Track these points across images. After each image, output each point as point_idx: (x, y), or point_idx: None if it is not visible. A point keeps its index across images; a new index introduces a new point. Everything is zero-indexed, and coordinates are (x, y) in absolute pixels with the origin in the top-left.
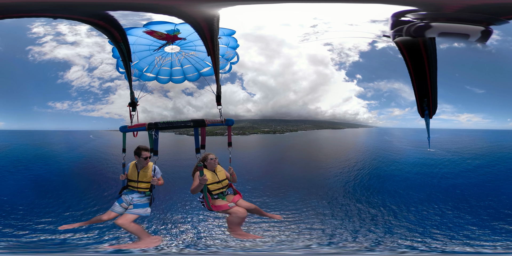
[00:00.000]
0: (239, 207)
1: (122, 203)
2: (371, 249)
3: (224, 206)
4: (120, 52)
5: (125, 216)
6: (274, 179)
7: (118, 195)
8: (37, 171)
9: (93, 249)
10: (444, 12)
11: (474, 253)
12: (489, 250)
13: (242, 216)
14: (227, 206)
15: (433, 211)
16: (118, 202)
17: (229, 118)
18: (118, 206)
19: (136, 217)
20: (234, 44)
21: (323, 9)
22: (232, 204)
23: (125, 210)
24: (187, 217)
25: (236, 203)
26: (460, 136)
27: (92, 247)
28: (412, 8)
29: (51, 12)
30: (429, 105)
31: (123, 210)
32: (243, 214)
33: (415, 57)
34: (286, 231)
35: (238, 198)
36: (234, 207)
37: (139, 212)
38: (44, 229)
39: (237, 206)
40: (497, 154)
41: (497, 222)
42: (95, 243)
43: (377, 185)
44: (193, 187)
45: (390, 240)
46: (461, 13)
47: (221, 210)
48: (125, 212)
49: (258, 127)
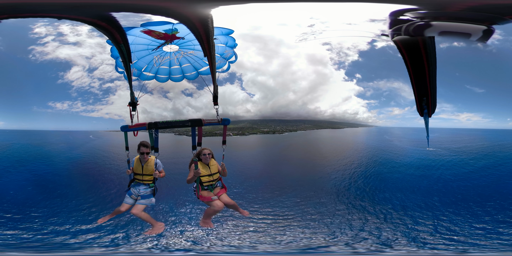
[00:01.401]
0: (219, 201)
1: (132, 195)
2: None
3: (207, 198)
4: (121, 53)
5: (136, 207)
6: (270, 179)
7: (127, 188)
8: (38, 169)
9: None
10: (448, 11)
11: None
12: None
13: (217, 210)
14: (210, 198)
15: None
16: (128, 194)
17: (225, 118)
18: (129, 198)
19: (145, 206)
20: (232, 43)
21: (319, 9)
22: (215, 197)
23: (135, 201)
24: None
25: (219, 197)
26: (460, 135)
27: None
28: (414, 7)
29: (56, 12)
30: (428, 104)
31: (133, 201)
32: (219, 208)
33: (415, 56)
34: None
35: (223, 192)
36: (215, 200)
37: (145, 202)
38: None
39: (218, 200)
40: (502, 154)
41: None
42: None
43: (378, 185)
44: (189, 178)
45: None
46: (464, 12)
47: (205, 201)
48: (135, 203)
49: (257, 127)
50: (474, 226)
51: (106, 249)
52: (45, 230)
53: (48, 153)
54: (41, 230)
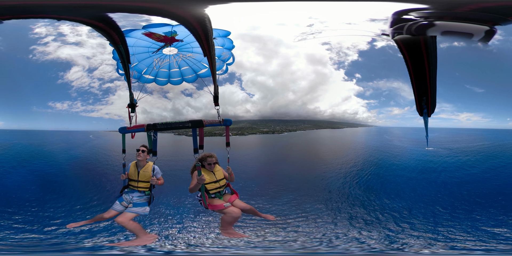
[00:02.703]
0: (234, 207)
1: (122, 202)
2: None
3: (219, 206)
4: (119, 54)
5: (124, 215)
6: (267, 178)
7: (119, 194)
8: (41, 169)
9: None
10: (456, 11)
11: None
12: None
13: (236, 216)
14: (223, 206)
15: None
16: (119, 201)
17: (227, 119)
18: (118, 205)
19: (135, 215)
20: (229, 45)
21: (318, 8)
22: (228, 204)
23: (125, 208)
24: (182, 215)
25: (232, 203)
26: (461, 135)
27: (90, 243)
28: (421, 6)
29: (56, 13)
30: (428, 103)
31: (123, 209)
32: (237, 214)
33: (415, 55)
34: (281, 232)
35: (235, 198)
36: (229, 207)
37: (138, 211)
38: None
39: (232, 206)
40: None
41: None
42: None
43: (378, 186)
44: (191, 186)
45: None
46: (471, 13)
47: (216, 210)
48: (125, 210)
49: (257, 127)
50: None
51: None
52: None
53: (49, 153)
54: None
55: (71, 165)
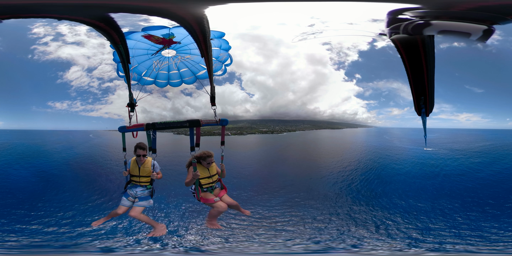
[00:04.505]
0: (222, 202)
1: (128, 197)
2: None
3: (210, 200)
4: (119, 53)
5: (134, 209)
6: (264, 178)
7: (124, 190)
8: (41, 167)
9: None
10: (452, 10)
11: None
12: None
13: (222, 211)
14: (213, 200)
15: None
16: (125, 197)
17: (223, 118)
18: (126, 200)
19: (143, 208)
20: (226, 46)
21: (319, 9)
22: (217, 198)
23: (132, 203)
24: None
25: (221, 198)
26: (461, 135)
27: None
28: (416, 6)
29: (56, 13)
30: (426, 103)
31: (131, 204)
32: (223, 209)
33: (413, 55)
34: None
35: (224, 193)
36: (218, 201)
37: (144, 204)
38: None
39: (221, 201)
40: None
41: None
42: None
43: (378, 188)
44: (187, 181)
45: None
46: (468, 12)
47: (207, 203)
48: (133, 205)
49: (256, 127)
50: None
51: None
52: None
53: (49, 152)
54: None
55: (73, 163)
